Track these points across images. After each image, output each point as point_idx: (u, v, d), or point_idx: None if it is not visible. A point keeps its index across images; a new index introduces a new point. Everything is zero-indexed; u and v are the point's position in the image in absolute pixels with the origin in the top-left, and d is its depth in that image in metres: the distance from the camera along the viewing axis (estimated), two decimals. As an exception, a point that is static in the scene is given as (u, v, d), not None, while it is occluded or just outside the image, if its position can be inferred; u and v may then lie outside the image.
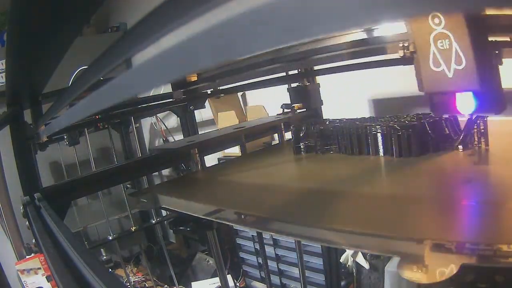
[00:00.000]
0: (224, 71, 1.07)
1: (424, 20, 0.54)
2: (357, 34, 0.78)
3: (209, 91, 1.38)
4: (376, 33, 0.75)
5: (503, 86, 0.57)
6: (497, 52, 0.56)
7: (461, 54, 0.53)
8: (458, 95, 0.62)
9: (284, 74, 1.24)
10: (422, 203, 0.47)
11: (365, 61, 0.84)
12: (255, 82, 1.27)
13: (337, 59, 0.87)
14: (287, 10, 0.15)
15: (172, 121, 2.27)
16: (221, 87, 1.39)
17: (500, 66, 0.56)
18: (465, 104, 0.61)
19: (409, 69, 1.20)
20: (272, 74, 1.24)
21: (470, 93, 0.60)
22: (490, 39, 0.56)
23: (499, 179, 0.52)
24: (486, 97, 0.58)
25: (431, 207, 0.45)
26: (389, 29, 0.73)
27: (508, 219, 0.38)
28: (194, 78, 1.15)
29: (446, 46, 0.54)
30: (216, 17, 0.20)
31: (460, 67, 0.53)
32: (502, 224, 0.37)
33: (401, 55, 0.67)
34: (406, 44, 0.64)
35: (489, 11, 0.53)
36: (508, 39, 0.57)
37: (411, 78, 1.29)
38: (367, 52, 0.79)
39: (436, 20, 0.54)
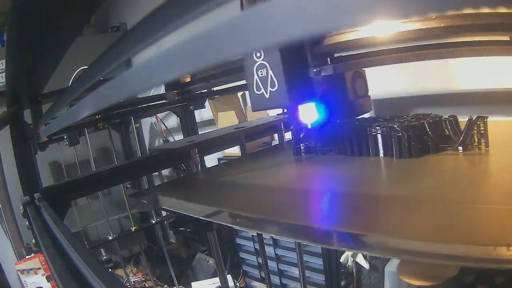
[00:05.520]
0: (222, 71, 1.08)
1: (250, 55, 0.65)
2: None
3: (215, 88, 1.37)
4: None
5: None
6: (315, 70, 0.67)
7: (274, 79, 0.65)
8: (300, 108, 0.73)
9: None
10: (421, 203, 0.47)
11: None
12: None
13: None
14: (287, 10, 0.15)
15: (172, 121, 2.27)
16: (217, 88, 1.39)
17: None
18: (308, 115, 0.73)
19: (410, 69, 1.20)
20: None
21: (312, 105, 0.71)
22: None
23: (500, 180, 0.52)
24: (328, 107, 0.71)
25: (430, 208, 0.45)
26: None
27: (508, 221, 0.38)
28: (187, 79, 1.15)
29: (264, 74, 0.66)
30: (216, 18, 0.20)
31: (274, 89, 0.65)
32: (503, 226, 0.37)
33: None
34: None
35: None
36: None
37: (411, 78, 1.29)
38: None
39: (258, 54, 0.65)
